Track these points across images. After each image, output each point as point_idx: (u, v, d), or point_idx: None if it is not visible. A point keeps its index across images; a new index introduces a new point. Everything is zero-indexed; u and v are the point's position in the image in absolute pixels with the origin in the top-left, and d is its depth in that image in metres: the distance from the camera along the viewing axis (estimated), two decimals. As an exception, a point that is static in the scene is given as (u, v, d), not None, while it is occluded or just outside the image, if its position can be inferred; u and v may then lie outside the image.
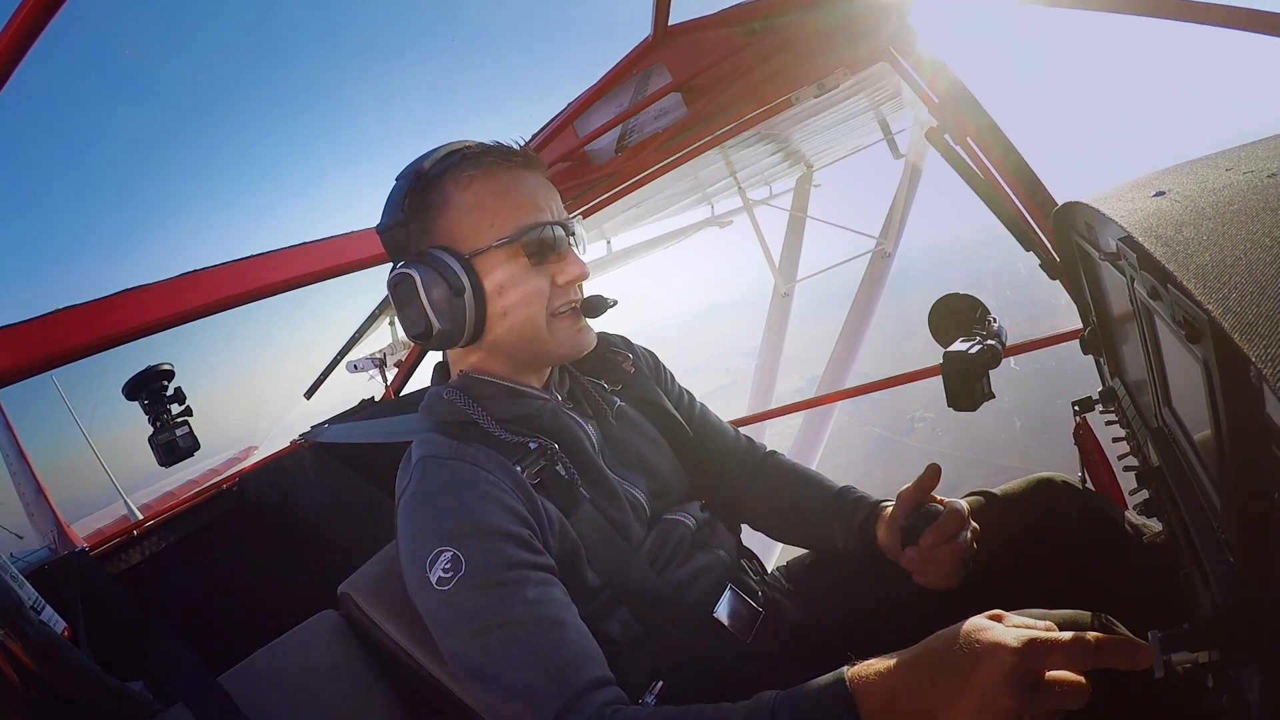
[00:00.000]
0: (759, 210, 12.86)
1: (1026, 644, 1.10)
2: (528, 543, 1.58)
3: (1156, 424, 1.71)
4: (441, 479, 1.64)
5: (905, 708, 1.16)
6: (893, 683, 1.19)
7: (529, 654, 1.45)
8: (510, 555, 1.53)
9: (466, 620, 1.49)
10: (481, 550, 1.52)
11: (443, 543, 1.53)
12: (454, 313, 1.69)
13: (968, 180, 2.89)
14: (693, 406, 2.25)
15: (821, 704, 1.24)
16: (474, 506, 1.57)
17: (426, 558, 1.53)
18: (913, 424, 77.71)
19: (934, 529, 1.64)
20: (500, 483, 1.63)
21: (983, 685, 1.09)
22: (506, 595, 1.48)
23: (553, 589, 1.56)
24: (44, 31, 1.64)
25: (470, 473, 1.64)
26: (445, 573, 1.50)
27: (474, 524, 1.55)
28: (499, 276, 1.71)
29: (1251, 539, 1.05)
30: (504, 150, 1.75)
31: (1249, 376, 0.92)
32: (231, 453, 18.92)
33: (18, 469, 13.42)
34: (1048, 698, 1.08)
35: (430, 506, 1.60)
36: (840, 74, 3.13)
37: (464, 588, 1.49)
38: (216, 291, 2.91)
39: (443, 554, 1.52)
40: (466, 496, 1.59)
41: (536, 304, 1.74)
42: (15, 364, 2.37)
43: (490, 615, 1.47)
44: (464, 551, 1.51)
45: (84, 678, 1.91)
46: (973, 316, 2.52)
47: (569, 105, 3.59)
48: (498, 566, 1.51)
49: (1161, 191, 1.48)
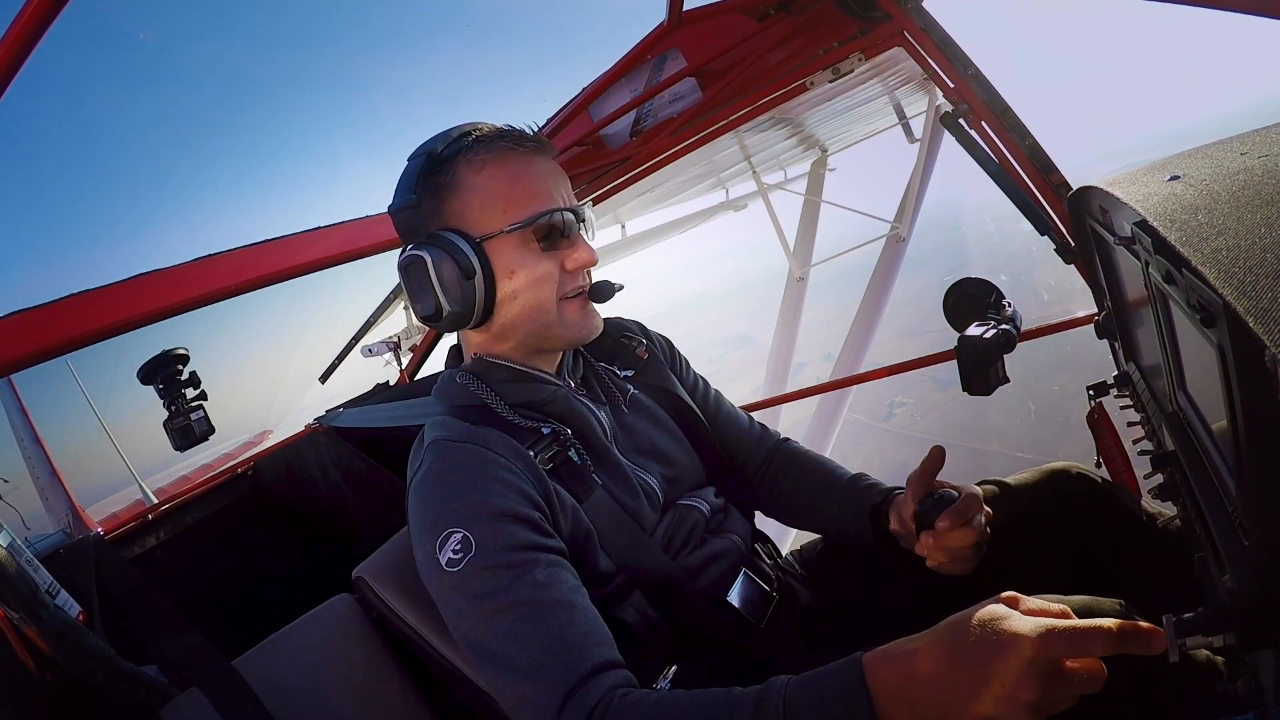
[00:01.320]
0: (773, 194, 12.84)
1: (1045, 634, 1.08)
2: (538, 525, 1.58)
3: (1171, 408, 1.71)
4: (453, 461, 1.64)
5: (922, 696, 1.15)
6: (909, 669, 1.17)
7: (538, 635, 1.45)
8: (520, 537, 1.53)
9: (476, 601, 1.49)
10: (492, 532, 1.52)
11: (453, 524, 1.54)
12: (464, 295, 1.70)
13: (982, 164, 2.89)
14: (707, 393, 2.25)
15: (835, 689, 1.23)
16: (485, 489, 1.58)
17: (437, 539, 1.54)
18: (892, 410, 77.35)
19: (951, 511, 1.63)
20: (511, 465, 1.64)
21: (1002, 676, 1.08)
22: (516, 577, 1.49)
23: (563, 571, 1.56)
24: (59, 15, 1.65)
25: (481, 455, 1.64)
26: (455, 554, 1.51)
27: (484, 506, 1.55)
28: (509, 260, 1.71)
29: (1266, 523, 1.05)
30: (516, 134, 1.75)
31: (1264, 361, 0.92)
32: (246, 437, 18.92)
33: (32, 453, 13.48)
34: (1066, 686, 1.07)
35: (441, 489, 1.61)
36: (855, 59, 3.13)
37: (474, 569, 1.49)
38: (232, 276, 2.92)
39: (453, 535, 1.52)
40: (478, 478, 1.60)
41: (546, 288, 1.74)
42: (30, 349, 2.38)
43: (500, 597, 1.47)
44: (474, 533, 1.52)
45: (98, 661, 1.93)
46: (987, 301, 2.52)
47: (584, 90, 3.60)
48: (508, 548, 1.51)
49: (1176, 176, 1.47)
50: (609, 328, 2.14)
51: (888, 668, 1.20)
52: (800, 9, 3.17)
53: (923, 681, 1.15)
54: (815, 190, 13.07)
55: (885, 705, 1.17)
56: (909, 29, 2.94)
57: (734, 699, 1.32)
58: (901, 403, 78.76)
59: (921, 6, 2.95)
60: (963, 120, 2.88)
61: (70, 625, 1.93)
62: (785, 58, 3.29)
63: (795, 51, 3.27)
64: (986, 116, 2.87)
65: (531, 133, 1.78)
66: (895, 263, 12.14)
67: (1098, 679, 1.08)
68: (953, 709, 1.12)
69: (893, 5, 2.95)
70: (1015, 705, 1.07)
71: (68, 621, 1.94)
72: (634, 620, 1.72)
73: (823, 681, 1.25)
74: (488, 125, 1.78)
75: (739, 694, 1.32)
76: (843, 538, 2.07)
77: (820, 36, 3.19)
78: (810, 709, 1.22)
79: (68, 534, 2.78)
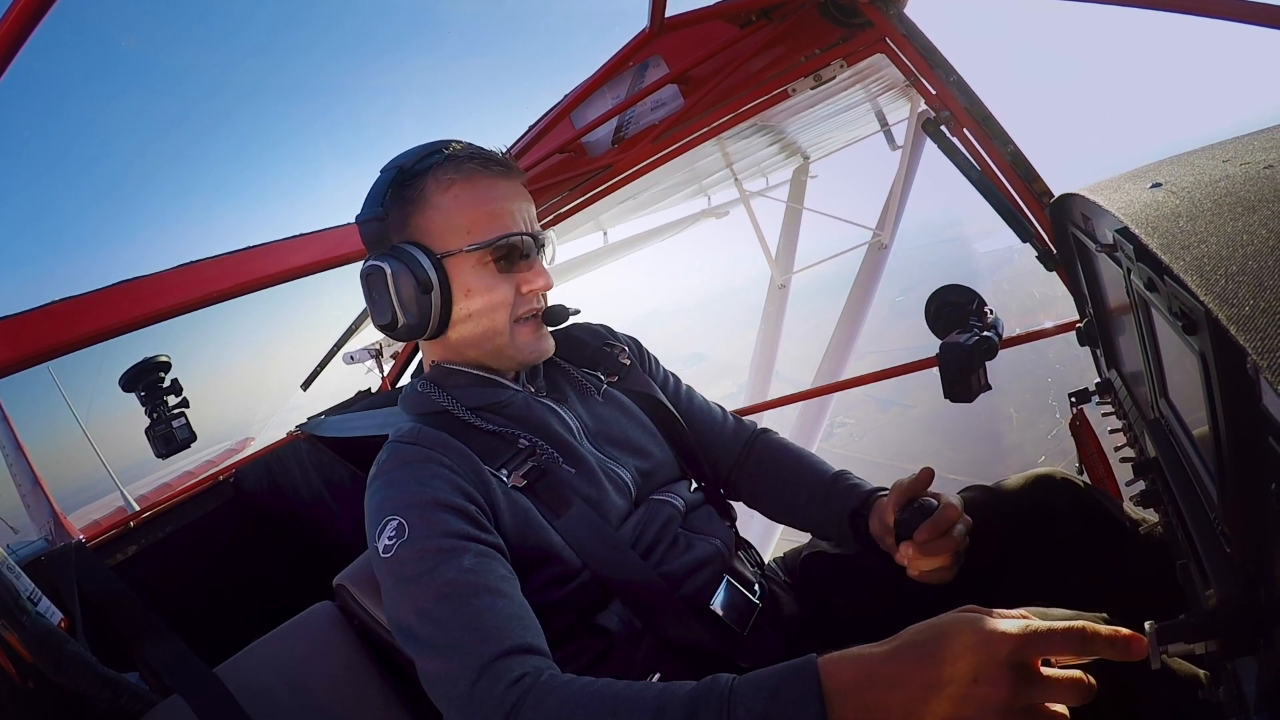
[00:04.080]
0: (755, 202, 12.86)
1: (1020, 631, 1.05)
2: (473, 518, 1.60)
3: (1153, 415, 1.72)
4: (399, 458, 1.69)
5: (880, 698, 1.11)
6: (867, 670, 1.14)
7: (459, 615, 1.44)
8: (452, 526, 1.55)
9: (405, 585, 1.50)
10: (425, 519, 1.55)
11: (390, 512, 1.57)
12: (420, 308, 1.76)
13: (964, 171, 2.90)
14: (679, 388, 2.27)
15: (784, 686, 1.18)
16: (423, 481, 1.61)
17: (377, 528, 1.57)
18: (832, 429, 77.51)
19: (929, 524, 1.63)
20: (452, 463, 1.67)
21: (966, 674, 1.05)
22: (443, 560, 1.49)
23: (493, 562, 1.55)
24: (42, 21, 1.65)
25: (425, 453, 1.69)
26: (390, 539, 1.54)
27: (420, 495, 1.58)
28: (467, 279, 1.77)
29: (1248, 530, 1.05)
30: (485, 156, 1.81)
31: (1245, 368, 0.92)
32: (228, 444, 18.91)
33: (14, 460, 13.39)
34: (1042, 690, 1.05)
35: (385, 482, 1.65)
36: (837, 65, 3.14)
37: (404, 552, 1.51)
38: (213, 283, 2.92)
39: (390, 522, 1.55)
40: (420, 473, 1.64)
41: (500, 309, 1.80)
42: (11, 356, 2.37)
43: (425, 579, 1.48)
44: (408, 519, 1.55)
45: (80, 669, 1.92)
46: (969, 308, 2.53)
47: (566, 97, 3.60)
48: (438, 534, 1.53)
49: (1158, 183, 1.48)
50: (589, 336, 2.18)
51: (845, 668, 1.16)
52: (782, 16, 3.18)
53: (882, 683, 1.11)
54: (797, 197, 13.10)
55: (838, 707, 1.13)
56: (891, 36, 2.96)
57: (669, 691, 1.27)
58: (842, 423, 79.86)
59: (903, 13, 2.96)
60: (944, 127, 2.90)
61: (52, 632, 1.92)
62: (767, 64, 3.30)
63: (777, 58, 3.28)
64: (968, 123, 2.88)
65: (500, 155, 1.84)
66: (877, 270, 12.17)
67: (1081, 689, 1.05)
68: (912, 711, 1.09)
69: (875, 12, 2.96)
70: (982, 705, 1.04)
71: (49, 629, 1.93)
72: (616, 629, 1.72)
73: (772, 677, 1.21)
74: (460, 144, 1.83)
75: (674, 686, 1.28)
76: (823, 537, 2.07)
77: (802, 43, 3.20)
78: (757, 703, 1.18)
79: (49, 541, 2.76)
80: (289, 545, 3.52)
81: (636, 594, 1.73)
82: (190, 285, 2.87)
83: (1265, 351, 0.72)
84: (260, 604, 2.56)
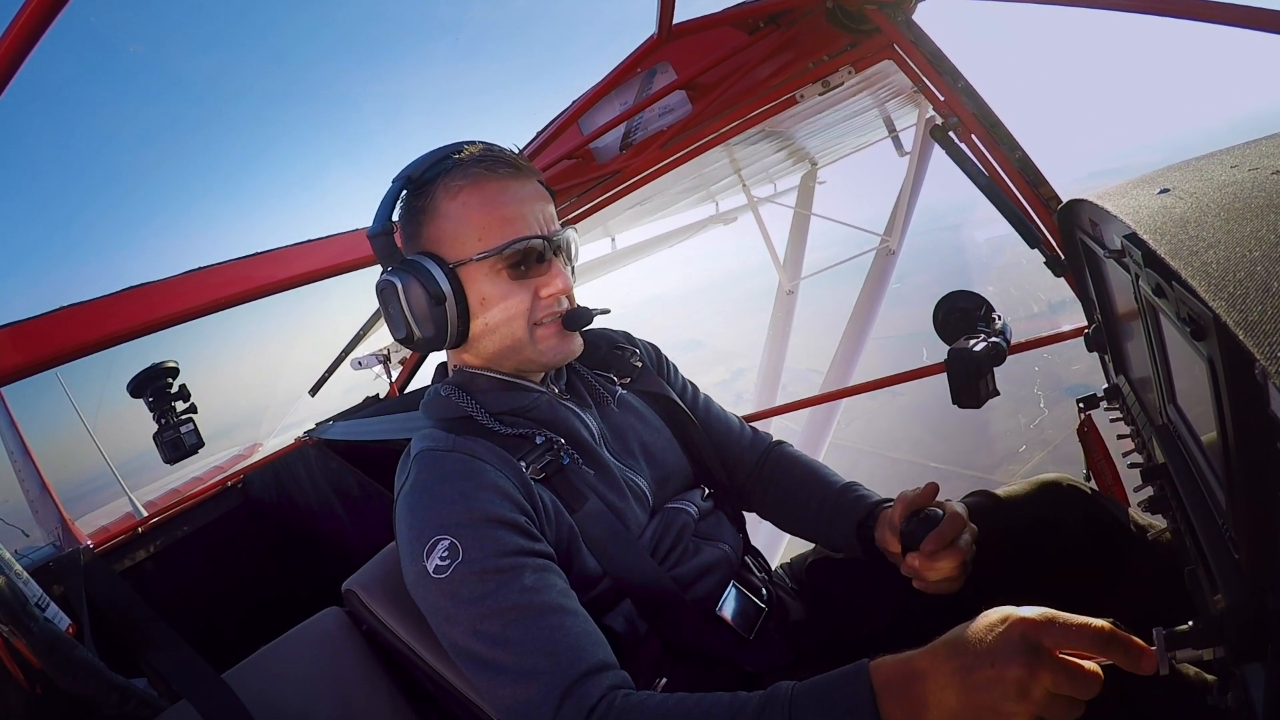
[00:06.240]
0: (763, 208, 12.82)
1: (1039, 616, 1.10)
2: (525, 530, 1.58)
3: (1161, 421, 1.71)
4: (439, 470, 1.65)
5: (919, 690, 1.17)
6: (909, 667, 1.19)
7: (531, 639, 1.44)
8: (507, 542, 1.53)
9: (465, 607, 1.49)
10: (479, 537, 1.52)
11: (440, 532, 1.53)
12: (435, 320, 1.73)
13: (972, 177, 2.89)
14: (696, 397, 2.26)
15: (840, 691, 1.24)
16: (470, 495, 1.58)
17: (424, 548, 1.53)
18: None
19: (934, 535, 1.63)
20: (497, 472, 1.64)
21: (989, 656, 1.09)
22: (504, 582, 1.49)
23: (552, 575, 1.56)
24: (49, 29, 1.65)
25: (466, 463, 1.65)
26: (443, 560, 1.51)
27: (470, 512, 1.55)
28: (482, 287, 1.74)
29: (1257, 536, 1.05)
30: (493, 159, 1.75)
31: (1254, 374, 0.92)
32: (236, 450, 18.86)
33: (22, 466, 13.38)
34: (1057, 675, 1.07)
35: (428, 497, 1.61)
36: (845, 72, 3.14)
37: (462, 575, 1.49)
38: (221, 289, 2.92)
39: (440, 542, 1.52)
40: (465, 486, 1.60)
41: (518, 317, 1.76)
42: (20, 361, 2.38)
43: (489, 602, 1.47)
44: (461, 539, 1.52)
45: (88, 674, 1.92)
46: (977, 314, 2.52)
47: (573, 103, 3.60)
48: (495, 554, 1.51)
49: (1166, 189, 1.47)
50: (601, 340, 2.16)
51: (890, 667, 1.22)
52: (790, 22, 3.17)
53: (919, 675, 1.17)
54: (805, 203, 13.06)
55: (886, 704, 1.19)
56: (899, 42, 2.95)
57: (738, 703, 1.32)
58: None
59: (911, 20, 2.96)
60: (952, 133, 2.89)
61: (60, 638, 1.93)
62: (775, 71, 3.30)
63: (785, 64, 3.28)
64: (976, 129, 2.88)
65: (510, 156, 1.79)
66: (885, 275, 12.15)
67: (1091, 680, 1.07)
68: (941, 699, 1.14)
69: (882, 18, 2.96)
70: (1000, 685, 1.08)
71: (57, 634, 1.93)
72: (623, 630, 1.72)
73: (829, 684, 1.27)
74: (471, 147, 1.78)
75: (744, 698, 1.33)
76: (832, 547, 2.08)
77: (810, 49, 3.20)
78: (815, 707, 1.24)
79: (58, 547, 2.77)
80: (297, 551, 3.52)
81: (647, 595, 1.74)
82: (198, 291, 2.87)
83: (1274, 357, 0.71)
84: (269, 609, 2.56)
